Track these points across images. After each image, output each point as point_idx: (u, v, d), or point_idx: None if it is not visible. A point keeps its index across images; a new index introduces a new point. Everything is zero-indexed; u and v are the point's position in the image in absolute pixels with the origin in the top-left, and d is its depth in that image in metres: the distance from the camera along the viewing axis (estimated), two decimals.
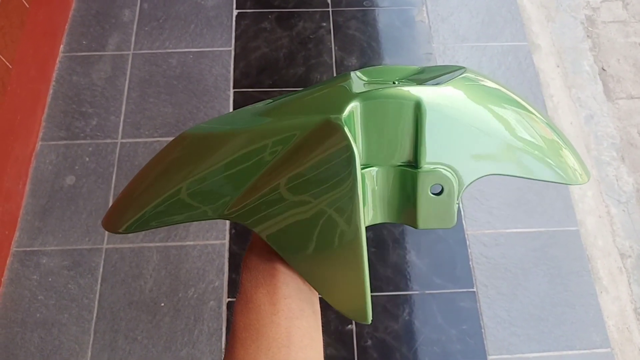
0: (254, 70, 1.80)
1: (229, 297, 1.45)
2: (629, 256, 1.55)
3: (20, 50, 1.55)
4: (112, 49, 1.82)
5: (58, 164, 1.61)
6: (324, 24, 1.90)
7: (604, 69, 1.86)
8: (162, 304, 1.44)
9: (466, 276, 1.49)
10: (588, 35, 1.93)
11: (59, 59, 1.79)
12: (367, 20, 1.92)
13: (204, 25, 1.89)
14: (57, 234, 1.51)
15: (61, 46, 1.81)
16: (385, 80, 0.41)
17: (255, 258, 0.40)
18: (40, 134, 1.65)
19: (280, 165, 0.37)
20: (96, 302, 1.43)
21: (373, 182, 0.39)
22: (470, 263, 1.51)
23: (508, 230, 1.55)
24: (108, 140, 1.65)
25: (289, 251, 0.38)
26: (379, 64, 1.83)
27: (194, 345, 1.40)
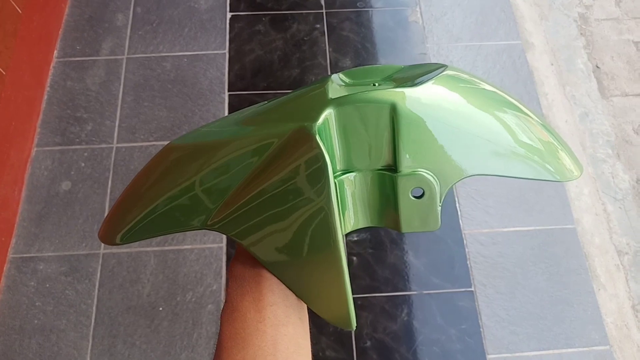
0: (249, 73, 1.80)
1: None
2: (626, 253, 1.56)
3: (14, 57, 1.54)
4: (106, 53, 1.82)
5: (54, 169, 1.60)
6: (318, 26, 1.90)
7: (598, 67, 1.87)
8: (160, 309, 1.43)
9: (464, 276, 1.50)
10: (581, 33, 1.94)
11: (53, 65, 1.78)
12: (361, 22, 1.92)
13: (198, 28, 1.88)
14: (54, 239, 1.50)
15: (55, 52, 1.81)
16: (367, 81, 0.41)
17: (240, 266, 0.40)
18: (36, 140, 1.65)
19: (258, 175, 0.37)
20: (94, 308, 1.43)
21: (353, 187, 0.38)
22: (468, 262, 1.51)
23: (505, 229, 1.56)
24: (103, 145, 1.65)
25: (270, 260, 0.38)
26: (373, 65, 1.83)
27: (193, 349, 1.39)
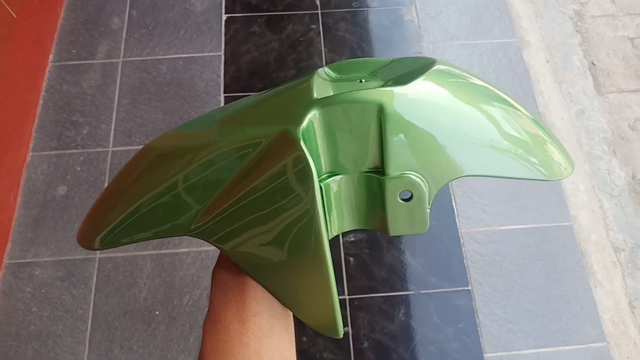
0: (245, 75, 1.80)
1: None
2: (623, 250, 1.55)
3: (8, 61, 1.54)
4: (102, 57, 1.82)
5: (49, 174, 1.60)
6: (314, 26, 1.90)
7: (593, 64, 1.86)
8: (157, 312, 1.43)
9: (461, 274, 1.49)
10: (577, 30, 1.93)
11: (48, 69, 1.78)
12: (357, 21, 1.92)
13: (194, 30, 1.88)
14: (50, 244, 1.50)
15: (50, 56, 1.81)
16: (353, 76, 0.40)
17: (224, 273, 0.39)
18: (31, 145, 1.65)
19: (241, 179, 0.36)
20: (90, 313, 1.43)
21: (339, 190, 0.37)
22: (465, 261, 1.51)
23: (502, 227, 1.55)
24: (99, 149, 1.65)
25: (253, 266, 0.37)
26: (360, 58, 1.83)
27: (190, 352, 1.39)
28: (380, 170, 0.36)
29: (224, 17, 1.91)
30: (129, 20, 1.89)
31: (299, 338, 1.40)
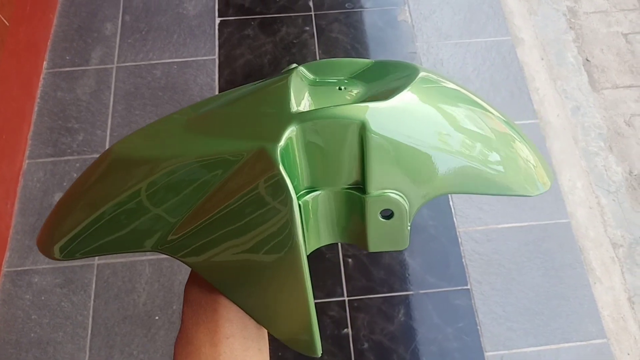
0: (239, 78, 1.80)
1: None
2: (621, 245, 1.56)
3: (2, 69, 1.54)
4: (96, 63, 1.82)
5: (46, 181, 1.60)
6: (307, 28, 1.90)
7: (588, 60, 1.87)
8: (157, 317, 1.43)
9: (460, 274, 1.49)
10: (571, 27, 1.94)
11: (42, 76, 1.78)
12: (350, 22, 1.92)
13: (187, 34, 1.88)
14: None
15: (44, 63, 1.80)
16: (332, 79, 0.39)
17: (196, 290, 0.37)
18: (27, 152, 1.64)
19: (215, 194, 0.34)
20: (90, 319, 1.43)
21: (317, 206, 0.36)
22: (463, 260, 1.51)
23: (499, 226, 1.56)
24: (95, 155, 1.64)
25: (226, 282, 0.36)
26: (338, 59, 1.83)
27: None
28: (360, 186, 0.35)
29: (217, 21, 1.91)
30: (122, 25, 1.89)
31: None
